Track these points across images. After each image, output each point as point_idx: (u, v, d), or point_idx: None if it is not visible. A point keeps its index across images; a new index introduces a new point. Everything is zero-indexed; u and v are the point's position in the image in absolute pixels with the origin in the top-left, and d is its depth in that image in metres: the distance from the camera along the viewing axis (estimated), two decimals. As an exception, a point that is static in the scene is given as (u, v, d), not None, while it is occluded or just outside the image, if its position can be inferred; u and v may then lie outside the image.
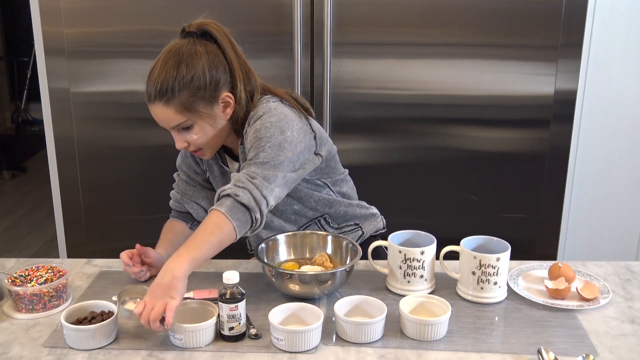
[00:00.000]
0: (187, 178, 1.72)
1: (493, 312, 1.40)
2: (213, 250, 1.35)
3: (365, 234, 1.73)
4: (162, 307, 1.24)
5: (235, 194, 1.37)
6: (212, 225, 1.35)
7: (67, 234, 2.40)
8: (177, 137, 1.53)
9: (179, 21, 2.18)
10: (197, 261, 1.32)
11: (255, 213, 1.38)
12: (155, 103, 1.47)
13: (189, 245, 1.33)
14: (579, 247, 2.46)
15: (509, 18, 2.13)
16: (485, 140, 2.26)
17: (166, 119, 1.49)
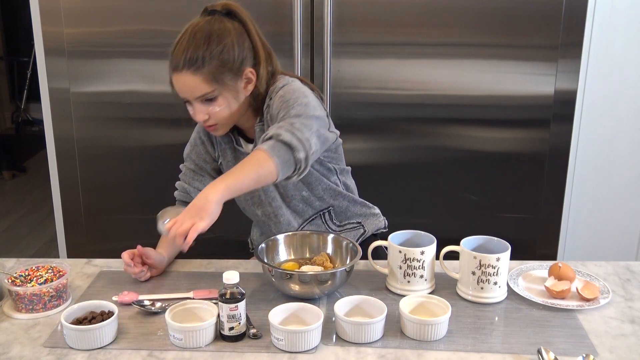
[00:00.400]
0: (195, 167, 1.72)
1: (493, 312, 1.40)
2: (251, 182, 1.35)
3: (367, 232, 1.75)
4: (189, 224, 1.27)
5: (277, 134, 1.38)
6: (252, 160, 1.36)
7: (67, 234, 2.40)
8: (199, 108, 1.52)
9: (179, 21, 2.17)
10: (232, 188, 1.33)
11: (298, 152, 1.38)
12: (182, 72, 1.49)
13: (227, 175, 1.35)
14: (579, 247, 2.46)
15: (509, 18, 2.13)
16: (485, 140, 2.26)
17: (193, 87, 1.49)
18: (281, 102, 1.50)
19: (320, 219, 1.71)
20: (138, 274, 1.51)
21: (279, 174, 1.37)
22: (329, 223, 1.72)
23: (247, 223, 1.91)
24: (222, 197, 1.31)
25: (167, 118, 2.28)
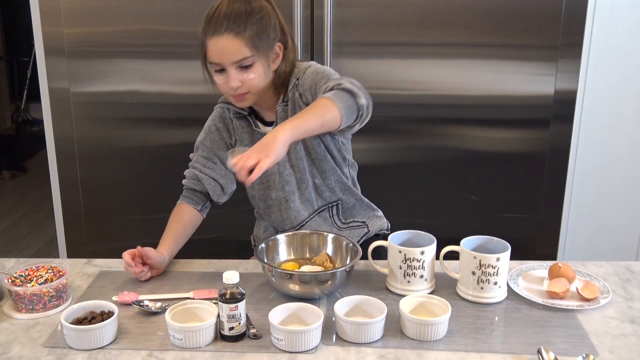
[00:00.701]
0: (208, 154, 1.71)
1: (493, 312, 1.40)
2: (316, 125, 1.39)
3: (370, 232, 1.76)
4: (255, 160, 1.31)
5: (337, 84, 1.46)
6: (317, 106, 1.42)
7: (67, 234, 2.40)
8: (234, 74, 1.53)
9: (179, 21, 2.18)
10: (299, 129, 1.37)
11: (360, 99, 1.45)
12: (224, 34, 1.49)
13: (295, 117, 1.40)
14: (579, 247, 2.46)
15: (509, 18, 2.13)
16: (485, 140, 2.26)
17: (232, 50, 1.50)
18: (316, 75, 1.56)
19: (327, 212, 1.73)
20: (138, 274, 1.51)
21: (343, 119, 1.42)
22: (335, 218, 1.73)
23: (247, 223, 1.91)
24: (289, 136, 1.35)
25: (167, 118, 2.28)
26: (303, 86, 1.59)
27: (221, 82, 1.56)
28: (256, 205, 1.78)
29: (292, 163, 1.67)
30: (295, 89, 1.61)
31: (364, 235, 1.75)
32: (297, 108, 1.60)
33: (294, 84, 1.61)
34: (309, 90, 1.57)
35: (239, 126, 1.68)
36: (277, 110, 1.63)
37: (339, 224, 1.74)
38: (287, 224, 1.72)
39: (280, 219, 1.72)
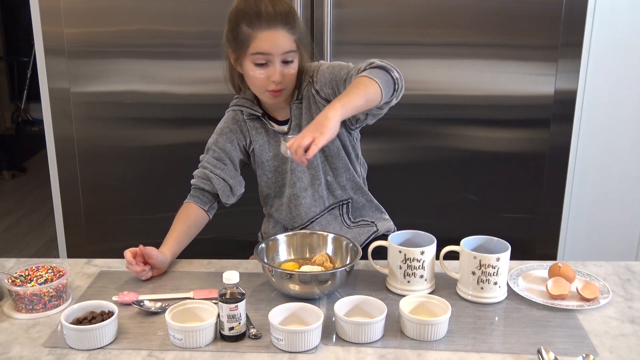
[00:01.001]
0: (219, 155, 1.71)
1: (493, 312, 1.40)
2: (361, 102, 1.45)
3: (379, 231, 1.78)
4: (310, 138, 1.36)
5: (369, 63, 1.51)
6: (358, 85, 1.47)
7: (67, 234, 2.40)
8: (279, 68, 1.57)
9: (178, 21, 2.18)
10: (347, 107, 1.42)
11: (393, 72, 1.51)
12: (277, 28, 1.54)
13: (340, 97, 1.44)
14: (579, 247, 2.46)
15: (509, 18, 2.13)
16: (485, 140, 2.26)
17: (285, 44, 1.56)
18: (333, 69, 1.61)
19: (338, 210, 1.74)
20: (139, 273, 1.51)
21: (383, 93, 1.48)
22: (344, 216, 1.75)
23: (248, 223, 1.91)
24: (340, 114, 1.40)
25: (167, 118, 2.28)
26: (320, 82, 1.62)
27: (261, 77, 1.58)
28: (268, 204, 1.78)
29: None
30: (309, 86, 1.64)
31: (372, 233, 1.77)
32: (312, 105, 1.64)
33: (308, 82, 1.64)
34: (328, 85, 1.61)
35: (252, 127, 1.70)
36: (292, 107, 1.66)
37: (348, 223, 1.75)
38: (297, 221, 1.73)
39: (290, 217, 1.73)
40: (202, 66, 2.20)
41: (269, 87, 1.58)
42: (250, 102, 1.69)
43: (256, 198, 1.83)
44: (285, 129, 1.69)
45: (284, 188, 1.73)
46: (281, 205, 1.74)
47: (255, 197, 1.83)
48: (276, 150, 1.70)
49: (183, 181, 2.34)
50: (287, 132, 1.68)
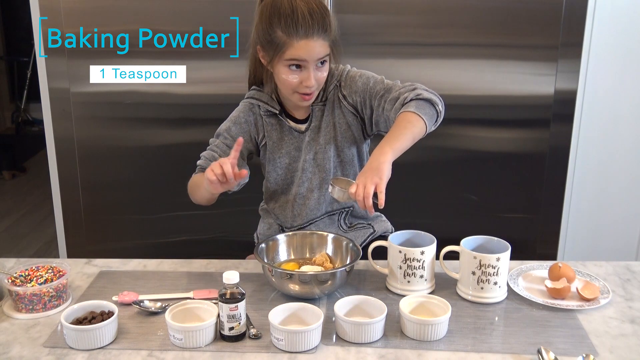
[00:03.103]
0: (231, 142, 1.67)
1: (493, 312, 1.40)
2: (408, 142, 1.49)
3: (376, 232, 1.77)
4: (372, 185, 1.37)
5: (417, 95, 1.53)
6: (405, 122, 1.50)
7: (67, 234, 2.40)
8: (313, 73, 1.55)
9: (178, 21, 2.18)
10: (397, 150, 1.45)
11: (437, 105, 1.55)
12: (314, 37, 1.52)
13: (389, 139, 1.47)
14: (579, 247, 2.46)
15: (509, 18, 2.14)
16: (485, 140, 2.26)
17: (321, 50, 1.54)
18: (366, 80, 1.62)
19: (337, 216, 1.74)
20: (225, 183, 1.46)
21: (427, 128, 1.52)
22: (341, 222, 1.75)
23: (247, 223, 1.91)
24: (391, 158, 1.43)
25: (167, 118, 2.28)
26: (348, 88, 1.63)
27: (295, 80, 1.56)
28: (273, 199, 1.77)
29: (318, 162, 1.68)
30: (336, 90, 1.65)
31: (369, 235, 1.76)
32: (336, 109, 1.65)
33: (335, 85, 1.65)
34: (359, 94, 1.62)
35: (268, 123, 1.68)
36: (314, 108, 1.66)
37: (344, 228, 1.75)
38: (297, 221, 1.73)
39: (292, 215, 1.73)
40: (202, 66, 2.21)
41: (300, 90, 1.57)
42: (268, 97, 1.67)
43: (256, 198, 1.83)
44: (303, 128, 1.67)
45: (292, 186, 1.72)
46: (286, 202, 1.74)
47: (256, 197, 1.83)
48: (289, 148, 1.69)
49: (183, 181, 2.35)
50: (305, 131, 1.67)
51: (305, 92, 1.57)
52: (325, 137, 1.66)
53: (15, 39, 5.79)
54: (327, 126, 1.66)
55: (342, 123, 1.66)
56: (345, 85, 1.64)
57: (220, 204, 1.76)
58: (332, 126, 1.66)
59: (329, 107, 1.65)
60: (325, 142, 1.66)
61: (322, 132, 1.66)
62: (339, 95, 1.64)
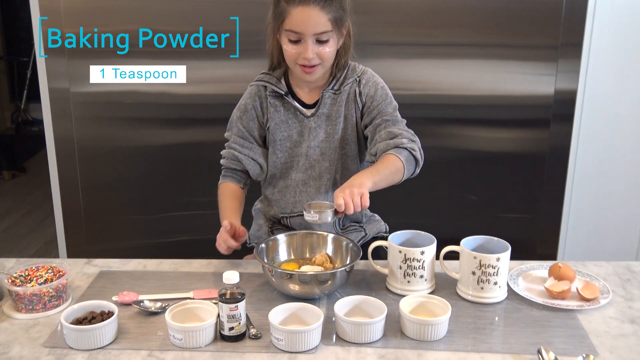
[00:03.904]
0: (243, 133, 1.71)
1: (493, 312, 1.40)
2: (384, 184, 1.54)
3: (368, 235, 1.76)
4: (358, 195, 1.42)
5: (412, 149, 1.59)
6: (391, 165, 1.56)
7: (67, 234, 2.40)
8: (311, 46, 1.55)
9: (178, 21, 2.18)
10: (375, 185, 1.50)
11: (418, 168, 1.62)
12: (311, 4, 1.52)
13: (372, 171, 1.53)
14: (579, 247, 2.46)
15: (509, 18, 2.14)
16: (485, 140, 2.26)
17: (317, 22, 1.53)
18: (385, 97, 1.66)
19: None
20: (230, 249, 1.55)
21: (401, 180, 1.59)
22: (335, 222, 1.73)
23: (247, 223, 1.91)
24: (370, 186, 1.48)
25: (167, 118, 2.28)
26: (366, 90, 1.65)
27: (293, 52, 1.57)
28: (271, 186, 1.76)
29: (323, 151, 1.68)
30: (355, 84, 1.66)
31: (361, 238, 1.75)
32: (350, 102, 1.66)
33: (354, 79, 1.66)
34: (373, 101, 1.65)
35: (272, 104, 1.68)
36: (325, 94, 1.65)
37: (337, 230, 1.74)
38: (298, 207, 1.71)
39: (292, 202, 1.72)
40: (202, 66, 2.21)
41: (299, 61, 1.58)
42: (276, 80, 1.68)
43: (255, 198, 1.83)
44: (309, 113, 1.67)
45: (291, 171, 1.71)
46: (286, 187, 1.73)
47: (255, 197, 1.83)
48: (292, 131, 1.68)
49: (183, 181, 2.35)
50: (311, 116, 1.67)
51: (304, 64, 1.57)
52: (335, 127, 1.66)
53: (15, 39, 5.79)
54: (339, 117, 1.66)
55: (354, 118, 1.67)
56: (365, 84, 1.65)
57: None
58: (344, 118, 1.67)
59: (343, 98, 1.65)
60: (333, 132, 1.66)
61: (332, 121, 1.66)
62: (356, 90, 1.65)
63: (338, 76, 1.66)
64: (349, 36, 1.63)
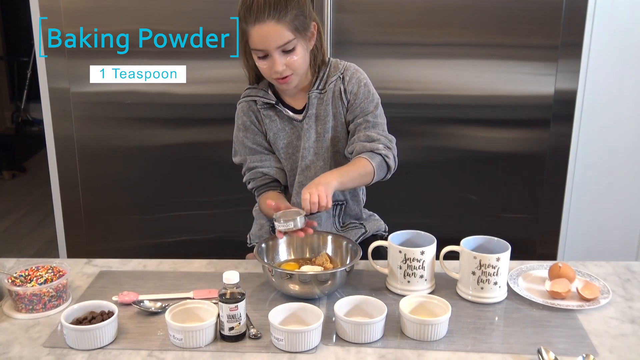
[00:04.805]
0: (254, 147, 1.71)
1: (493, 312, 1.40)
2: (354, 185, 1.60)
3: (367, 232, 1.77)
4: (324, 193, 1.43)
5: (386, 155, 1.61)
6: (361, 168, 1.57)
7: (67, 234, 2.40)
8: (279, 59, 1.55)
9: (178, 21, 2.18)
10: (342, 184, 1.52)
11: (389, 174, 1.64)
12: (266, 21, 1.51)
13: (341, 171, 1.56)
14: (579, 247, 2.46)
15: (509, 18, 2.13)
16: (485, 140, 2.26)
17: (276, 36, 1.53)
18: (367, 94, 1.65)
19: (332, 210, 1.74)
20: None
21: (371, 183, 1.61)
22: (336, 218, 1.75)
23: (246, 223, 1.91)
24: (336, 185, 1.50)
25: (167, 118, 2.28)
26: (350, 87, 1.65)
27: (265, 67, 1.58)
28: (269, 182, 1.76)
29: (316, 151, 1.69)
30: (339, 82, 1.65)
31: (361, 235, 1.76)
32: (337, 100, 1.66)
33: (338, 77, 1.66)
34: (355, 98, 1.65)
35: (266, 116, 1.69)
36: (311, 96, 1.66)
37: (338, 227, 1.74)
38: None
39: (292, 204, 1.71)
40: (202, 66, 2.21)
41: (273, 75, 1.58)
42: (263, 92, 1.68)
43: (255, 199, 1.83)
44: (300, 117, 1.68)
45: (294, 173, 1.72)
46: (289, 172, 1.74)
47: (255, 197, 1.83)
48: (290, 138, 1.69)
49: (183, 181, 2.35)
50: (303, 119, 1.67)
51: (278, 77, 1.58)
52: (324, 126, 1.67)
53: (15, 39, 5.78)
54: (327, 115, 1.66)
55: (342, 115, 1.67)
56: (349, 81, 1.65)
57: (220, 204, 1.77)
58: (332, 116, 1.67)
59: (329, 97, 1.65)
60: (323, 131, 1.67)
61: (321, 120, 1.66)
62: (340, 88, 1.65)
63: (321, 75, 1.66)
64: (319, 35, 1.63)
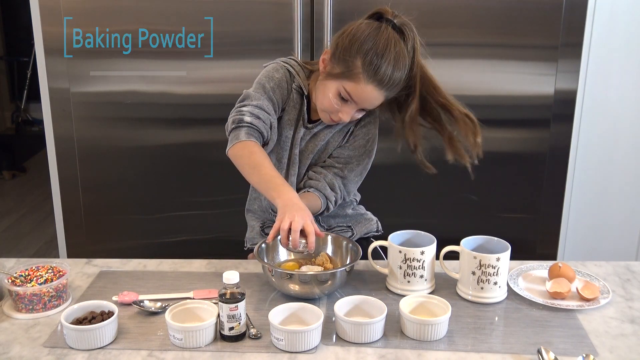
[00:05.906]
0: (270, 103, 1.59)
1: (493, 312, 1.40)
2: None
3: (355, 234, 1.77)
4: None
5: (332, 205, 1.67)
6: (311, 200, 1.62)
7: (67, 234, 2.40)
8: (352, 113, 1.56)
9: (178, 21, 2.18)
10: None
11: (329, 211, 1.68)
12: (381, 90, 1.51)
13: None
14: (579, 247, 2.46)
15: (509, 18, 2.13)
16: (485, 140, 2.25)
17: (373, 102, 1.54)
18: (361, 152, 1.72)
19: None
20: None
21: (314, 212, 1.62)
22: (320, 222, 1.74)
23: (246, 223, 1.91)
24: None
25: (167, 118, 2.28)
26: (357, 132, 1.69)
27: (335, 106, 1.54)
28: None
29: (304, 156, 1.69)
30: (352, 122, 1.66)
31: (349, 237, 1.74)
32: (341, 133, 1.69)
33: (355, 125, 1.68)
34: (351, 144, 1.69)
35: (292, 99, 1.64)
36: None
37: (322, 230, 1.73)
38: None
39: None
40: (202, 66, 2.21)
41: (332, 115, 1.57)
42: (304, 76, 1.64)
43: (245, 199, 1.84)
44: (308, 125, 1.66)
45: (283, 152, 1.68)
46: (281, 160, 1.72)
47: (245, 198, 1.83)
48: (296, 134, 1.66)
49: (183, 181, 2.35)
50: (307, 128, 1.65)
51: (333, 119, 1.58)
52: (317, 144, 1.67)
53: (15, 39, 5.79)
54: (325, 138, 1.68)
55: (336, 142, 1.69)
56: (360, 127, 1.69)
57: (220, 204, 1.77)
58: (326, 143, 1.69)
59: (338, 127, 1.67)
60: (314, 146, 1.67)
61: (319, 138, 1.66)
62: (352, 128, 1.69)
63: None
64: None
